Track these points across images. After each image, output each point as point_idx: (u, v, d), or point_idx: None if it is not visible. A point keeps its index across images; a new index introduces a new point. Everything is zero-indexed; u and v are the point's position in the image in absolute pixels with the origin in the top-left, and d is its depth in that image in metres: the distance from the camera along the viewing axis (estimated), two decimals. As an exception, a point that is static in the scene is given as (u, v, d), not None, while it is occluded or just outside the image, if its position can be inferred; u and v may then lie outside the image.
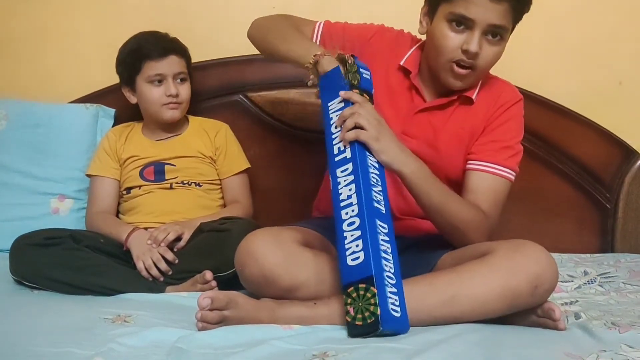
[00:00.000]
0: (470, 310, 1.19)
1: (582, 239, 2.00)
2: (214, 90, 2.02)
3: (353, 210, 1.19)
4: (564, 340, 1.14)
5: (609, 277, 1.66)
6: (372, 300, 1.12)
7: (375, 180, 1.23)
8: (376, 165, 1.26)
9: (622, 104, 2.06)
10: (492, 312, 1.20)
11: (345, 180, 1.22)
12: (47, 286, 1.47)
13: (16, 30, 2.11)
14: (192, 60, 1.88)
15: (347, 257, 1.17)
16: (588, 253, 1.92)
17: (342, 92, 1.27)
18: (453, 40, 1.37)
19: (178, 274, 1.55)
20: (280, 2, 1.89)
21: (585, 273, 1.69)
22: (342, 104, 1.27)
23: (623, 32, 2.06)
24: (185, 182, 1.79)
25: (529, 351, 1.07)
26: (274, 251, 1.24)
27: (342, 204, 1.21)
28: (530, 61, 2.03)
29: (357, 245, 1.17)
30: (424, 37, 1.48)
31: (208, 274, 1.46)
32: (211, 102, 2.02)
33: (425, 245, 1.44)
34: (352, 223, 1.19)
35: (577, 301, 1.47)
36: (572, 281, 1.63)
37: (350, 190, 1.21)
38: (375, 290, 1.12)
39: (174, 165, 1.80)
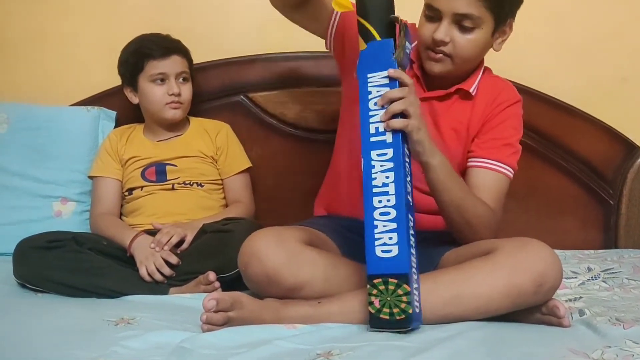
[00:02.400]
0: (474, 308, 1.19)
1: (586, 235, 2.00)
2: (215, 91, 2.02)
3: (389, 200, 1.15)
4: (568, 337, 1.13)
5: (613, 273, 1.66)
6: (405, 298, 1.12)
7: (408, 171, 1.20)
8: (408, 153, 1.22)
9: (626, 101, 2.05)
10: (496, 310, 1.20)
11: (382, 166, 1.17)
12: (50, 289, 1.47)
13: (15, 33, 2.10)
14: (193, 62, 1.88)
15: (377, 247, 1.14)
16: (591, 249, 1.92)
17: (391, 71, 1.19)
18: (427, 29, 1.41)
19: (181, 275, 1.54)
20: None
21: (589, 269, 1.68)
22: (387, 80, 1.19)
23: (627, 29, 2.05)
24: (187, 182, 1.79)
25: (534, 348, 1.06)
26: (276, 251, 1.24)
27: (375, 190, 1.16)
28: (533, 58, 2.02)
29: (390, 238, 1.14)
30: None
31: (211, 275, 1.46)
32: (212, 103, 2.02)
33: (429, 241, 1.44)
34: (387, 213, 1.15)
35: (581, 297, 1.47)
36: (575, 277, 1.63)
37: (387, 178, 1.16)
38: (409, 289, 1.12)
39: (176, 166, 1.80)
